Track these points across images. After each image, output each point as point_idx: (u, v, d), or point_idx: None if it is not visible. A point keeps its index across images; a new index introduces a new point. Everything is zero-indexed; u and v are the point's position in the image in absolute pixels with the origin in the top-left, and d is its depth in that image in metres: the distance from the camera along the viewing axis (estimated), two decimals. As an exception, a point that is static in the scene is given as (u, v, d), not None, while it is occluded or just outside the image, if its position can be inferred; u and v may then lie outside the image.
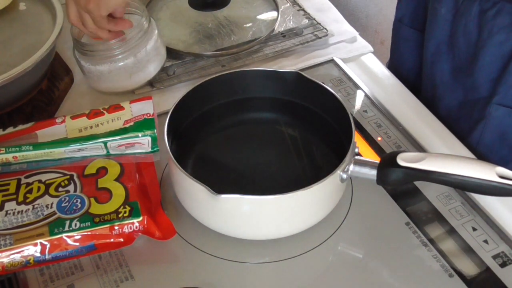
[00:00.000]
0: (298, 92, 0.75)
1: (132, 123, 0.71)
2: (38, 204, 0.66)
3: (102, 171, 0.69)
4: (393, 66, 0.92)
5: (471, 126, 0.82)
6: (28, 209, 0.65)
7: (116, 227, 0.64)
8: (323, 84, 0.73)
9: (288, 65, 0.90)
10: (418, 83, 0.93)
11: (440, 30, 0.83)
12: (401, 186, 0.71)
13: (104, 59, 0.80)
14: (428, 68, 0.88)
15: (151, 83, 0.86)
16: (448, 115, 0.84)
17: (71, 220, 0.64)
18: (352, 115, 0.68)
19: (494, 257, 0.65)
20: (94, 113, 0.73)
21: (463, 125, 0.82)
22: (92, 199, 0.66)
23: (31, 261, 0.63)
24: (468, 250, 0.66)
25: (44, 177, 0.69)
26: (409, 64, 0.95)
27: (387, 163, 0.64)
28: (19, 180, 0.69)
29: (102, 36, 0.77)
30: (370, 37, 1.20)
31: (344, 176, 0.65)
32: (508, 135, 0.80)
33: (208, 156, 0.74)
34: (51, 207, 0.65)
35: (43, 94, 0.84)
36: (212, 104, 0.76)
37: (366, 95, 0.85)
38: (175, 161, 0.64)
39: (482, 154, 0.81)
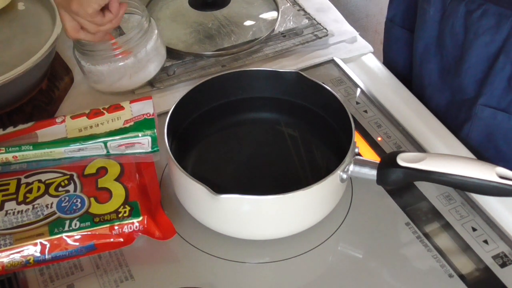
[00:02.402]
0: (298, 92, 0.75)
1: (132, 123, 0.71)
2: (38, 204, 0.66)
3: (102, 171, 0.69)
4: (386, 65, 0.93)
5: (458, 126, 0.83)
6: (28, 209, 0.65)
7: (116, 227, 0.64)
8: (323, 84, 0.73)
9: (288, 65, 0.90)
10: (411, 82, 0.93)
11: (429, 30, 0.83)
12: (401, 186, 0.71)
13: (104, 59, 0.80)
14: (417, 69, 0.88)
15: (151, 83, 0.86)
16: (436, 115, 0.84)
17: (71, 220, 0.64)
18: (352, 115, 0.68)
19: (494, 257, 0.65)
20: (94, 113, 0.73)
21: (450, 126, 0.83)
22: (92, 199, 0.66)
23: (31, 261, 0.63)
24: (468, 250, 0.66)
25: (44, 177, 0.69)
26: (401, 63, 0.95)
27: (387, 163, 0.64)
28: (19, 180, 0.69)
29: (104, 37, 0.76)
30: (370, 37, 1.20)
31: (344, 176, 0.65)
32: (494, 136, 0.80)
33: (208, 156, 0.74)
34: (51, 207, 0.65)
35: (43, 94, 0.84)
36: (212, 104, 0.76)
37: (366, 95, 0.85)
38: (175, 161, 0.64)
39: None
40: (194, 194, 0.64)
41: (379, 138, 0.79)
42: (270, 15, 0.96)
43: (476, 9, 0.75)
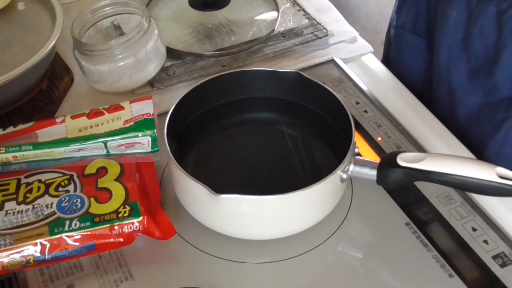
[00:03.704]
0: (298, 92, 0.75)
1: (132, 123, 0.71)
2: (38, 204, 0.66)
3: (102, 171, 0.69)
4: (396, 74, 0.91)
5: (494, 127, 0.81)
6: (28, 209, 0.65)
7: (116, 227, 0.64)
8: (323, 84, 0.73)
9: (288, 65, 0.90)
10: (423, 88, 0.92)
11: (452, 34, 0.82)
12: (401, 186, 0.71)
13: (104, 59, 0.80)
14: (443, 74, 0.86)
15: (151, 83, 0.86)
16: (468, 119, 0.83)
17: (71, 220, 0.64)
18: (352, 115, 0.68)
19: (494, 257, 0.65)
20: (94, 113, 0.73)
21: (485, 128, 0.82)
22: (92, 199, 0.66)
23: (31, 261, 0.63)
24: (468, 250, 0.66)
25: (44, 177, 0.69)
26: (413, 70, 0.94)
27: (387, 163, 0.64)
28: (19, 180, 0.69)
29: None
30: (370, 37, 1.20)
31: (344, 176, 0.65)
32: None
33: (208, 156, 0.74)
34: (51, 207, 0.65)
35: (43, 94, 0.84)
36: (212, 104, 0.76)
37: (366, 95, 0.85)
38: (175, 161, 0.64)
39: (507, 155, 0.80)
40: (194, 194, 0.64)
41: (379, 138, 0.79)
42: (270, 15, 0.96)
43: (509, 7, 0.74)
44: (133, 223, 0.65)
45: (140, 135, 0.71)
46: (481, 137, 0.81)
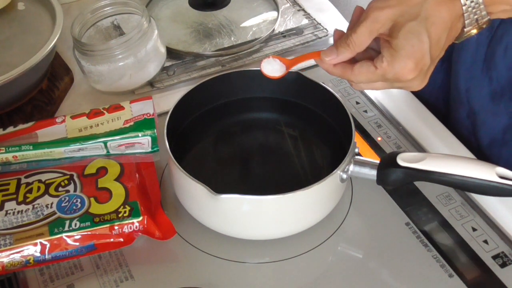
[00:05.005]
0: (298, 92, 0.75)
1: (132, 123, 0.71)
2: (38, 204, 0.66)
3: (102, 171, 0.69)
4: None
5: None
6: (28, 209, 0.65)
7: (116, 227, 0.64)
8: (323, 84, 0.73)
9: (288, 65, 0.90)
10: (441, 107, 0.90)
11: (473, 55, 0.80)
12: (401, 186, 0.71)
13: (104, 59, 0.80)
14: (462, 96, 0.83)
15: (151, 83, 0.86)
16: (491, 141, 0.81)
17: (71, 220, 0.64)
18: (352, 115, 0.68)
19: (494, 257, 0.65)
20: (94, 113, 0.73)
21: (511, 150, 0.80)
22: (92, 199, 0.66)
23: (31, 261, 0.63)
24: (468, 250, 0.66)
25: (44, 177, 0.69)
26: (426, 91, 0.92)
27: (387, 163, 0.64)
28: (19, 180, 0.69)
29: None
30: (370, 37, 1.19)
31: (344, 176, 0.65)
32: None
33: (208, 156, 0.74)
34: (51, 207, 0.65)
35: (43, 94, 0.84)
36: (212, 104, 0.76)
37: (366, 96, 0.85)
38: (175, 161, 0.64)
39: None
40: (194, 194, 0.64)
41: (379, 138, 0.79)
42: (270, 15, 0.96)
43: None
44: (133, 223, 0.65)
45: (140, 135, 0.71)
46: (507, 159, 0.79)
